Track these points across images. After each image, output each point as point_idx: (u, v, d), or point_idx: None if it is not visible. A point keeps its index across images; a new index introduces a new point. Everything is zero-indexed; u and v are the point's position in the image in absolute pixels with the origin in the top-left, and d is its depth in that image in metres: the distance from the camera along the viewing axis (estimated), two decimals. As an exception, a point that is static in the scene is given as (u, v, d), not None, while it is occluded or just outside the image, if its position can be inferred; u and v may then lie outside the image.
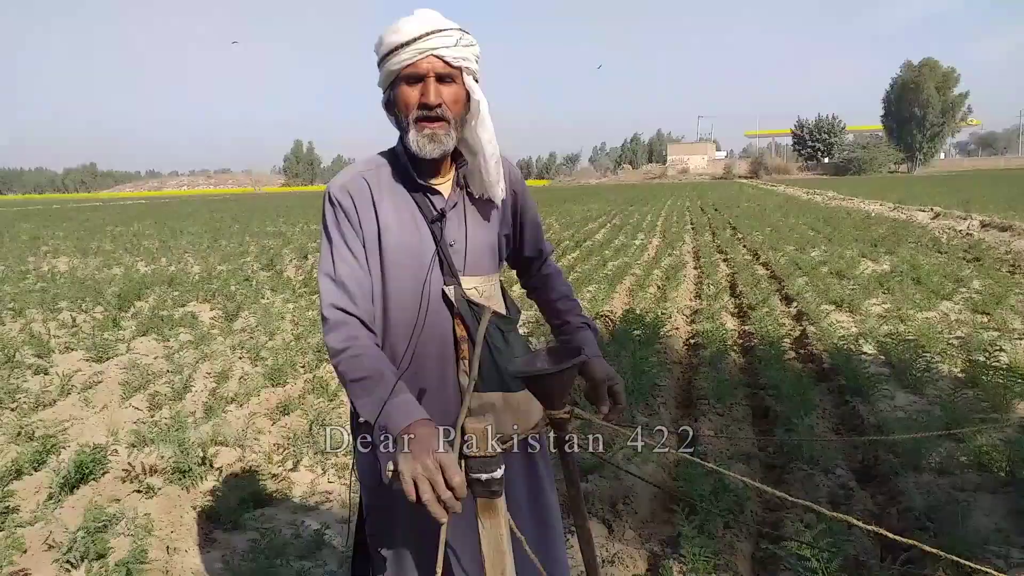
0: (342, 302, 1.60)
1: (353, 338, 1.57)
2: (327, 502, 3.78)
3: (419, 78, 1.59)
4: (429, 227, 1.68)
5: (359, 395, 1.52)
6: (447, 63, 1.58)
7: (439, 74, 1.59)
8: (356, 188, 1.68)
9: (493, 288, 1.78)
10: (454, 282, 1.68)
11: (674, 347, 6.49)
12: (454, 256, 1.69)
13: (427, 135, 1.60)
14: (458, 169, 1.74)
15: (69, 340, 7.34)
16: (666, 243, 14.83)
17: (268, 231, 22.28)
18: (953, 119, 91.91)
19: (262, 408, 5.18)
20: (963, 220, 16.90)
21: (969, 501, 3.30)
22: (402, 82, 1.61)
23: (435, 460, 1.30)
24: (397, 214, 1.67)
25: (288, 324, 7.93)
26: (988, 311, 7.27)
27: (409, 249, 1.66)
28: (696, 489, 3.35)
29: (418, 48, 1.56)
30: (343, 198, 1.66)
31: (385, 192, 1.69)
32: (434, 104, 1.58)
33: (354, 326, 1.59)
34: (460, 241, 1.70)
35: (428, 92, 1.58)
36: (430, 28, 1.57)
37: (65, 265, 14.49)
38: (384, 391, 1.48)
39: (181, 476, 3.90)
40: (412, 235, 1.67)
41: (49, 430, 4.74)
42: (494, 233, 1.79)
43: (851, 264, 10.64)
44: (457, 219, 1.71)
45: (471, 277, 1.71)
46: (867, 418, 4.45)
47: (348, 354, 1.55)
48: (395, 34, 1.58)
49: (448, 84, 1.61)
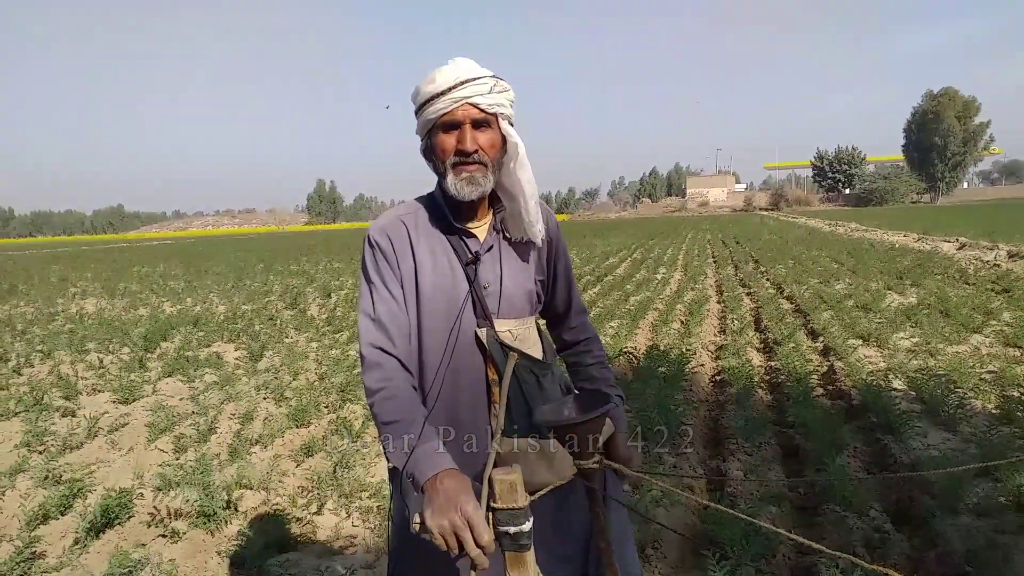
0: (380, 341, 1.63)
1: (388, 379, 1.59)
2: (352, 546, 3.75)
3: (456, 125, 1.63)
4: (464, 269, 1.70)
5: (389, 439, 1.54)
6: (482, 110, 1.62)
7: (475, 121, 1.63)
8: (395, 231, 1.72)
9: (528, 331, 1.79)
10: (487, 324, 1.69)
11: (700, 384, 6.42)
12: (488, 299, 1.71)
13: (465, 178, 1.63)
14: (495, 214, 1.76)
15: (96, 382, 7.41)
16: (688, 277, 14.76)
17: (292, 270, 22.47)
18: (975, 148, 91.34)
19: (286, 449, 5.18)
20: (990, 250, 16.68)
21: (1011, 544, 3.20)
22: (439, 130, 1.64)
23: (463, 516, 1.30)
24: (433, 256, 1.70)
25: (312, 363, 7.95)
26: (1020, 344, 7.13)
27: (443, 291, 1.68)
28: (726, 533, 3.28)
29: (453, 97, 1.60)
30: (382, 240, 1.71)
31: (422, 235, 1.72)
32: (471, 151, 1.62)
33: (390, 367, 1.61)
34: (494, 284, 1.72)
35: (465, 139, 1.62)
36: (465, 77, 1.60)
37: (93, 307, 14.68)
38: (413, 437, 1.49)
39: (206, 520, 3.90)
40: (446, 277, 1.69)
41: (76, 473, 4.76)
42: (529, 277, 1.79)
43: (877, 297, 10.51)
44: (492, 262, 1.73)
45: (505, 320, 1.72)
46: (900, 457, 4.35)
47: (382, 395, 1.57)
48: (431, 84, 1.62)
49: (484, 130, 1.64)
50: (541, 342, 1.84)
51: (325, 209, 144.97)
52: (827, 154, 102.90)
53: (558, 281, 1.89)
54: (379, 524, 3.87)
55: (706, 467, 4.55)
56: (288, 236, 76.64)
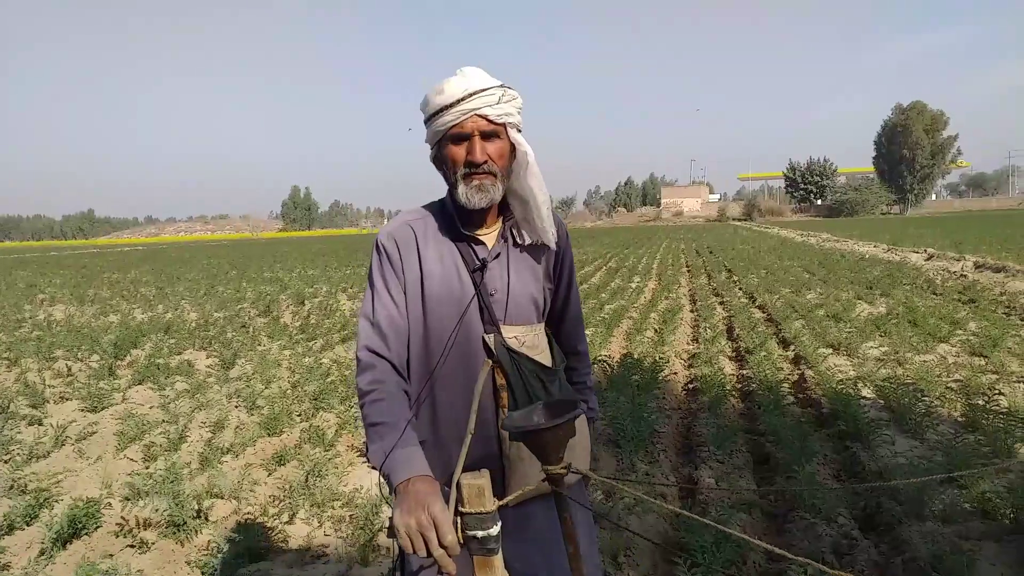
0: (376, 345, 1.66)
1: (379, 382, 1.62)
2: (324, 556, 3.72)
3: (465, 137, 1.64)
4: (471, 276, 1.72)
5: (372, 440, 1.56)
6: (491, 121, 1.64)
7: (483, 132, 1.64)
8: (402, 236, 1.74)
9: (537, 338, 1.80)
10: (494, 330, 1.71)
11: (673, 392, 6.47)
12: (495, 305, 1.72)
13: (475, 186, 1.65)
14: (504, 221, 1.78)
15: (64, 390, 7.29)
16: (662, 286, 14.87)
17: (265, 277, 22.29)
18: (943, 161, 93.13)
19: (258, 458, 5.13)
20: (957, 261, 17.00)
21: (974, 550, 3.26)
22: (449, 142, 1.66)
23: (429, 517, 1.33)
24: (440, 262, 1.72)
25: (285, 371, 7.89)
26: (985, 353, 7.27)
27: (450, 297, 1.70)
28: (698, 540, 3.30)
29: (462, 109, 1.61)
30: (389, 245, 1.73)
31: (431, 240, 1.74)
32: (480, 162, 1.64)
33: (383, 370, 1.64)
34: (501, 291, 1.74)
35: (474, 151, 1.64)
36: (473, 88, 1.62)
37: (61, 313, 14.45)
38: (392, 440, 1.52)
39: (176, 530, 3.85)
40: (453, 283, 1.71)
41: (42, 483, 4.68)
42: (537, 284, 1.81)
43: (847, 307, 10.66)
44: (499, 269, 1.75)
45: (512, 326, 1.74)
46: (868, 464, 4.41)
47: (370, 398, 1.61)
48: (439, 95, 1.63)
49: (493, 141, 1.66)
50: (550, 349, 1.86)
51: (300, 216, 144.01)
52: (799, 165, 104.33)
53: (561, 290, 1.92)
54: (351, 533, 3.85)
55: (678, 475, 4.58)
56: (262, 243, 76.04)
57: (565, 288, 1.92)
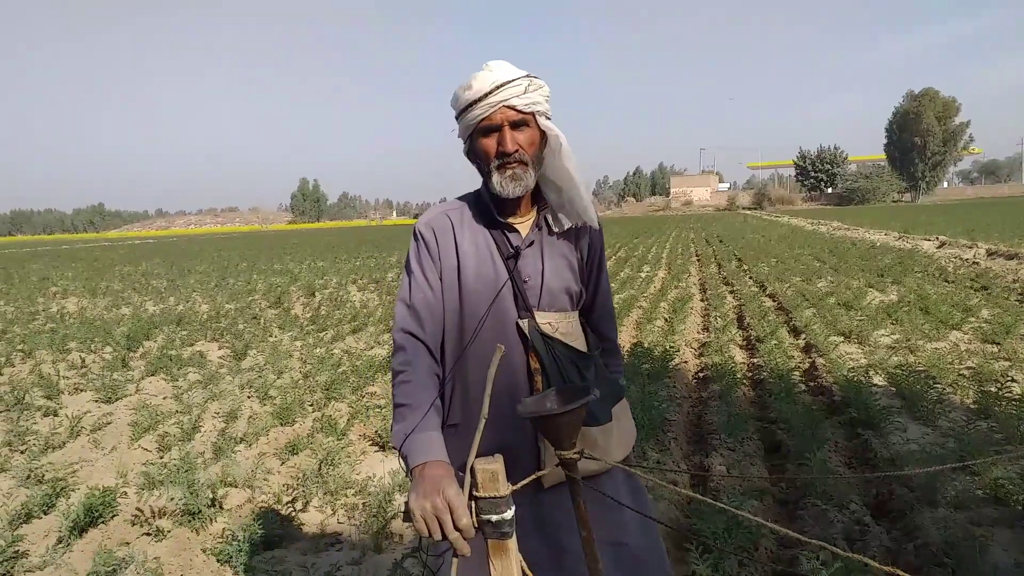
0: (411, 326, 1.71)
1: (409, 363, 1.66)
2: (337, 543, 3.75)
3: (495, 129, 1.68)
4: (505, 263, 1.76)
5: (396, 420, 1.61)
6: (519, 111, 1.68)
7: (513, 122, 1.68)
8: (439, 225, 1.79)
9: (572, 325, 1.83)
10: (528, 316, 1.74)
11: (683, 381, 6.47)
12: (528, 292, 1.76)
13: (508, 175, 1.69)
14: (539, 211, 1.82)
15: (79, 381, 7.35)
16: (672, 275, 14.84)
17: (275, 269, 22.38)
18: (955, 148, 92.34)
19: (271, 448, 5.17)
20: (969, 248, 16.89)
21: (986, 536, 3.26)
22: (480, 134, 1.70)
23: (444, 500, 1.35)
24: (475, 249, 1.76)
25: (296, 362, 7.93)
26: (998, 340, 7.23)
27: (485, 283, 1.74)
28: (710, 527, 3.31)
29: (490, 102, 1.65)
30: (427, 233, 1.78)
31: (467, 229, 1.79)
32: (511, 151, 1.67)
33: (415, 351, 1.69)
34: (535, 277, 1.77)
35: (505, 141, 1.67)
36: (501, 81, 1.66)
37: (74, 306, 14.56)
38: (413, 423, 1.55)
39: (191, 518, 3.89)
40: (488, 269, 1.75)
41: (58, 473, 4.73)
42: (570, 273, 1.83)
43: (858, 295, 10.62)
44: (533, 256, 1.78)
45: (546, 312, 1.77)
46: (880, 451, 4.41)
47: (400, 379, 1.65)
48: (468, 91, 1.68)
49: (522, 130, 1.70)
50: (585, 336, 1.88)
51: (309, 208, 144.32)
52: (809, 154, 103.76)
53: (591, 279, 1.93)
54: (364, 521, 3.88)
55: (690, 462, 4.59)
56: (271, 235, 76.27)
57: (595, 278, 1.93)
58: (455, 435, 1.73)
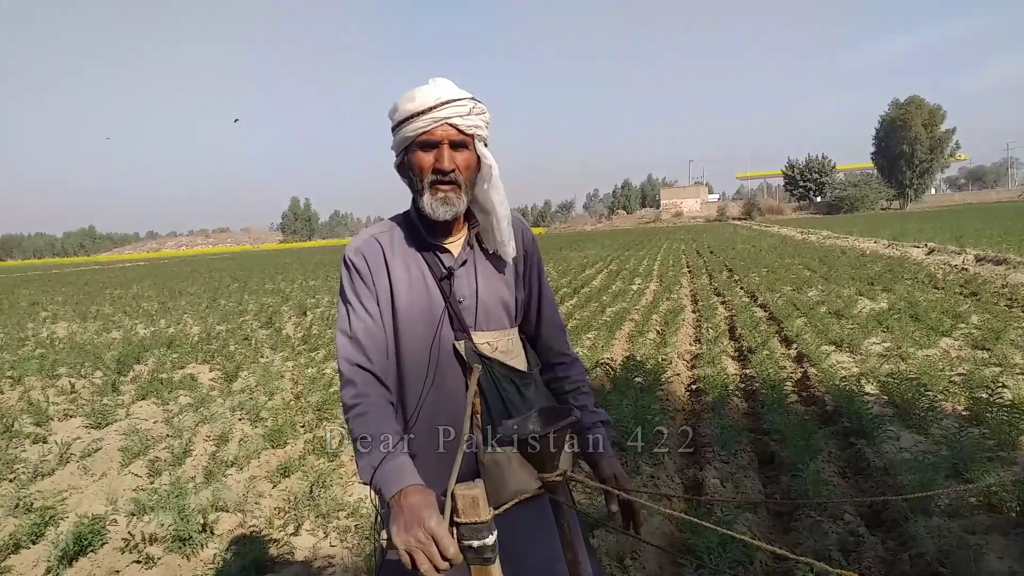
0: (356, 358, 1.65)
1: (364, 395, 1.61)
2: (330, 567, 3.72)
3: (434, 144, 1.66)
4: (438, 284, 1.73)
5: (360, 455, 1.55)
6: (460, 131, 1.66)
7: (452, 141, 1.66)
8: (369, 250, 1.75)
9: (511, 343, 1.80)
10: (465, 337, 1.71)
11: (676, 393, 6.46)
12: (464, 312, 1.73)
13: (440, 198, 1.66)
14: (470, 229, 1.79)
15: (68, 407, 7.30)
16: (663, 287, 14.86)
17: (267, 288, 22.31)
18: (941, 155, 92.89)
19: (262, 471, 5.13)
20: (958, 255, 16.96)
21: (981, 544, 3.25)
22: (417, 148, 1.68)
23: (427, 531, 1.31)
24: (408, 273, 1.73)
25: (288, 383, 7.89)
26: (988, 346, 7.26)
27: (419, 307, 1.71)
28: (704, 541, 3.30)
29: (433, 117, 1.63)
30: (357, 260, 1.74)
31: (397, 252, 1.75)
32: (448, 170, 1.65)
33: (366, 382, 1.63)
34: (470, 297, 1.74)
35: (443, 159, 1.65)
36: (446, 98, 1.64)
37: (64, 330, 14.47)
38: (380, 453, 1.50)
39: (181, 544, 3.85)
40: (421, 293, 1.72)
41: (47, 501, 4.68)
42: (507, 289, 1.81)
43: (849, 303, 10.65)
44: (467, 276, 1.75)
45: (484, 332, 1.74)
46: (873, 460, 4.41)
47: (355, 412, 1.60)
48: (411, 102, 1.65)
49: (460, 151, 1.68)
50: (525, 353, 1.85)
51: (300, 227, 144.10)
52: (798, 163, 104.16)
53: (532, 296, 1.91)
54: (357, 543, 3.85)
55: (683, 476, 4.58)
56: (263, 255, 76.12)
57: (536, 293, 1.91)
58: None
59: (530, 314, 1.91)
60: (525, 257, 1.86)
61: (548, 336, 1.94)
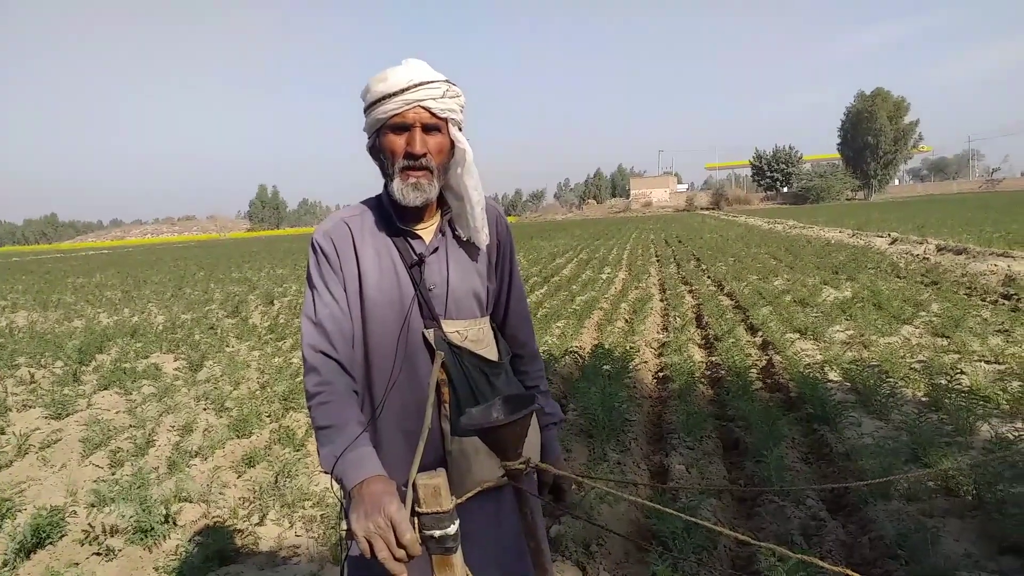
0: (321, 344, 1.60)
1: (326, 383, 1.57)
2: (295, 556, 3.69)
3: (406, 127, 1.61)
4: (408, 272, 1.68)
5: (322, 443, 1.51)
6: (433, 114, 1.60)
7: (425, 124, 1.61)
8: (338, 234, 1.70)
9: (481, 332, 1.77)
10: (434, 325, 1.68)
11: (643, 381, 6.51)
12: (434, 300, 1.69)
13: (411, 184, 1.61)
14: (443, 215, 1.75)
15: (27, 397, 7.15)
16: (632, 276, 14.94)
17: (233, 277, 22.03)
18: (905, 146, 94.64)
19: (227, 461, 5.08)
20: (919, 245, 17.28)
21: (938, 527, 3.32)
22: (388, 131, 1.62)
23: (386, 518, 1.29)
24: (377, 259, 1.68)
25: (254, 372, 7.81)
26: (948, 334, 7.41)
27: (388, 294, 1.67)
28: (669, 527, 3.33)
29: (405, 99, 1.58)
30: (325, 244, 1.69)
31: (367, 238, 1.70)
32: (420, 154, 1.60)
33: (329, 370, 1.59)
34: (440, 285, 1.70)
35: (414, 142, 1.60)
36: (419, 80, 1.59)
37: (24, 320, 14.16)
38: (343, 443, 1.47)
39: (143, 536, 3.79)
40: (391, 280, 1.67)
41: (4, 493, 4.58)
42: (478, 278, 1.78)
43: (813, 292, 10.81)
44: (438, 264, 1.71)
45: (453, 321, 1.71)
46: (835, 446, 4.48)
47: (317, 400, 1.55)
48: (382, 83, 1.59)
49: (433, 134, 1.63)
50: (496, 343, 1.83)
51: (268, 215, 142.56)
52: (765, 154, 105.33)
53: (503, 284, 1.88)
54: (322, 533, 3.83)
55: (650, 462, 4.61)
56: (230, 243, 75.15)
57: (507, 282, 1.88)
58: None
59: (499, 304, 1.89)
60: (499, 246, 1.83)
61: (513, 327, 1.91)
